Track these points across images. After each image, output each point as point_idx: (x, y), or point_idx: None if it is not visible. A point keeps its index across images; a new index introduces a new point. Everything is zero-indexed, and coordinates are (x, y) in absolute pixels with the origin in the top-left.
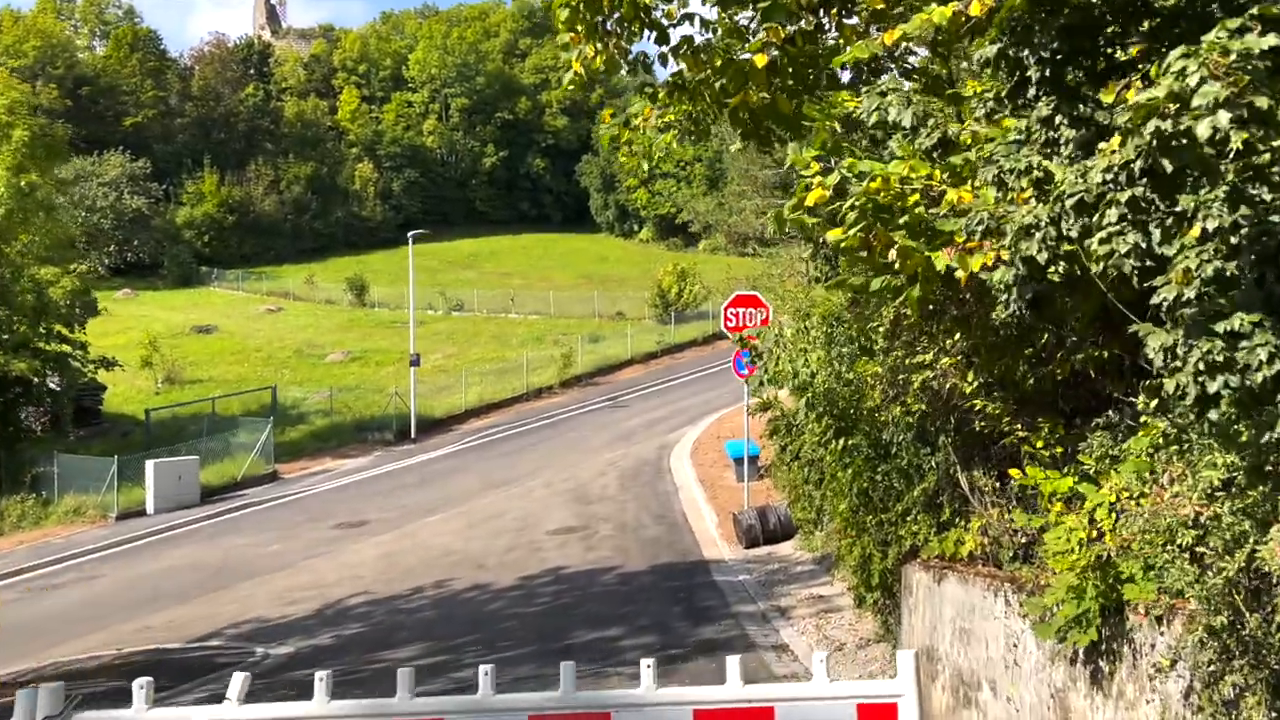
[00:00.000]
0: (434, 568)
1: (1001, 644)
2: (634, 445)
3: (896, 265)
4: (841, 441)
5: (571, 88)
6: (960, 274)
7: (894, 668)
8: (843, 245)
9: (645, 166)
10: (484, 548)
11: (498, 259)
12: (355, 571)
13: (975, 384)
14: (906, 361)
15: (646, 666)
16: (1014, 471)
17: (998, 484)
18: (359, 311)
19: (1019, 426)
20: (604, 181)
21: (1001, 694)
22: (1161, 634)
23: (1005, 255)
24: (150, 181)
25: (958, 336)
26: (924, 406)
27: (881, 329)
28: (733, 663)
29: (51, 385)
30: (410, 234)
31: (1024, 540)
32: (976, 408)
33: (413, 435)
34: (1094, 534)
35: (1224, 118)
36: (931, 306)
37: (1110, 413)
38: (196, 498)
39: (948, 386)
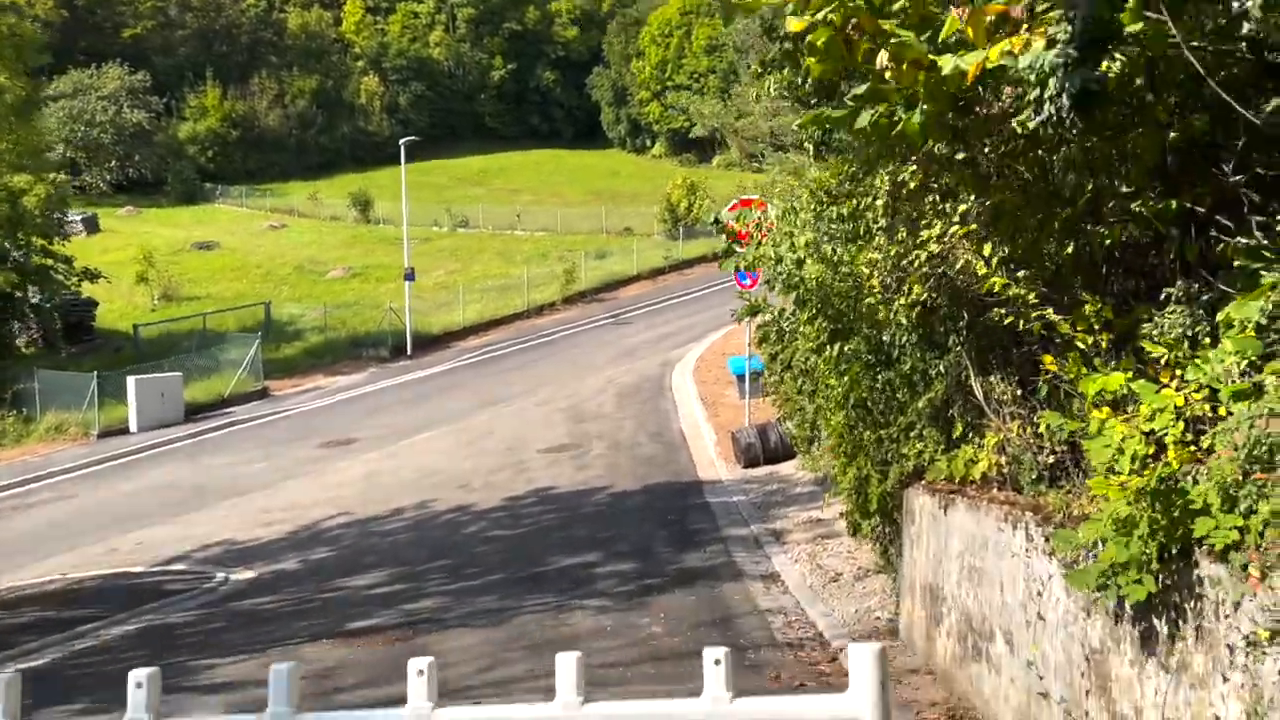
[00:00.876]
0: (417, 488)
1: (1021, 588)
2: (636, 362)
3: (888, 75)
4: (837, 346)
5: None
6: (969, 64)
7: (891, 606)
8: (811, 42)
9: None
10: (471, 467)
11: (507, 175)
12: (336, 492)
13: (994, 259)
14: (910, 241)
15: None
16: (1047, 359)
17: (1019, 392)
18: (363, 228)
19: (1049, 311)
20: (615, 95)
21: (1020, 649)
22: (1252, 593)
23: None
24: (150, 95)
25: (971, 199)
26: (931, 295)
27: (879, 202)
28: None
29: (34, 300)
30: (402, 140)
31: (1052, 458)
32: (995, 290)
33: (408, 352)
34: (1153, 448)
35: None
36: (939, 149)
37: (1185, 281)
38: (180, 415)
39: (958, 265)
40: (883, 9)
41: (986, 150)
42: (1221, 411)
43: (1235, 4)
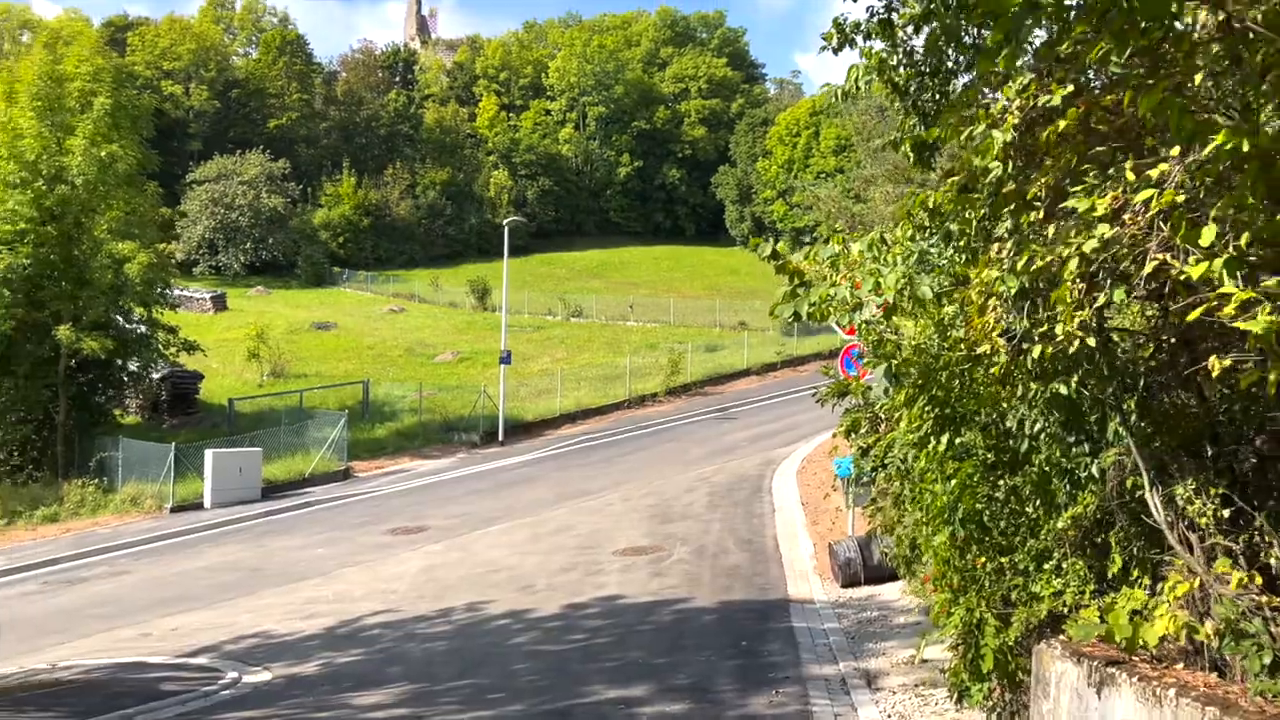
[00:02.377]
0: (475, 586)
1: None
2: (734, 460)
3: None
4: (945, 439)
5: None
6: None
7: None
8: None
9: None
10: (538, 566)
11: (626, 269)
12: (390, 585)
13: (1220, 257)
14: (1057, 232)
15: None
16: None
17: (1228, 511)
18: (479, 315)
19: None
20: (740, 193)
21: None
22: None
23: None
24: (289, 182)
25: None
26: (1090, 334)
27: (997, 141)
28: None
29: (132, 368)
30: (506, 220)
31: None
32: (1222, 317)
33: (500, 438)
34: None
35: None
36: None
37: None
38: (257, 492)
39: (1145, 270)
40: None
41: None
42: None
43: None
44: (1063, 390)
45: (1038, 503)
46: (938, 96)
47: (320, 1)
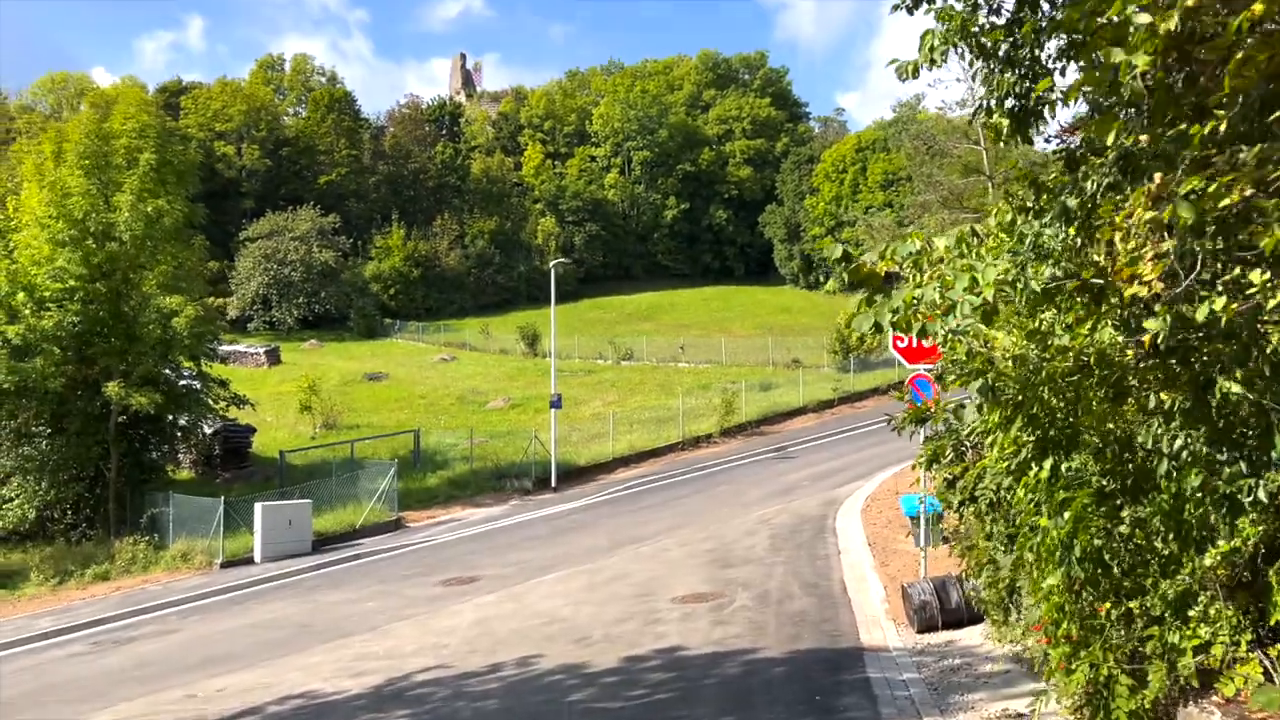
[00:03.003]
0: (529, 639)
1: None
2: (795, 500)
3: None
4: (1048, 464)
5: None
6: None
7: None
8: None
9: None
10: (593, 616)
11: (676, 311)
12: (441, 639)
13: None
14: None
15: None
16: None
17: None
18: (529, 361)
19: None
20: (788, 231)
21: None
22: None
23: None
24: (339, 236)
25: None
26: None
27: (1145, 44)
28: None
29: (182, 422)
30: (552, 263)
31: None
32: None
33: (552, 484)
34: None
35: None
36: None
37: None
38: (308, 545)
39: None
40: None
41: None
42: None
43: None
44: (1234, 389)
45: (1172, 535)
46: (1035, 52)
47: (367, 60)
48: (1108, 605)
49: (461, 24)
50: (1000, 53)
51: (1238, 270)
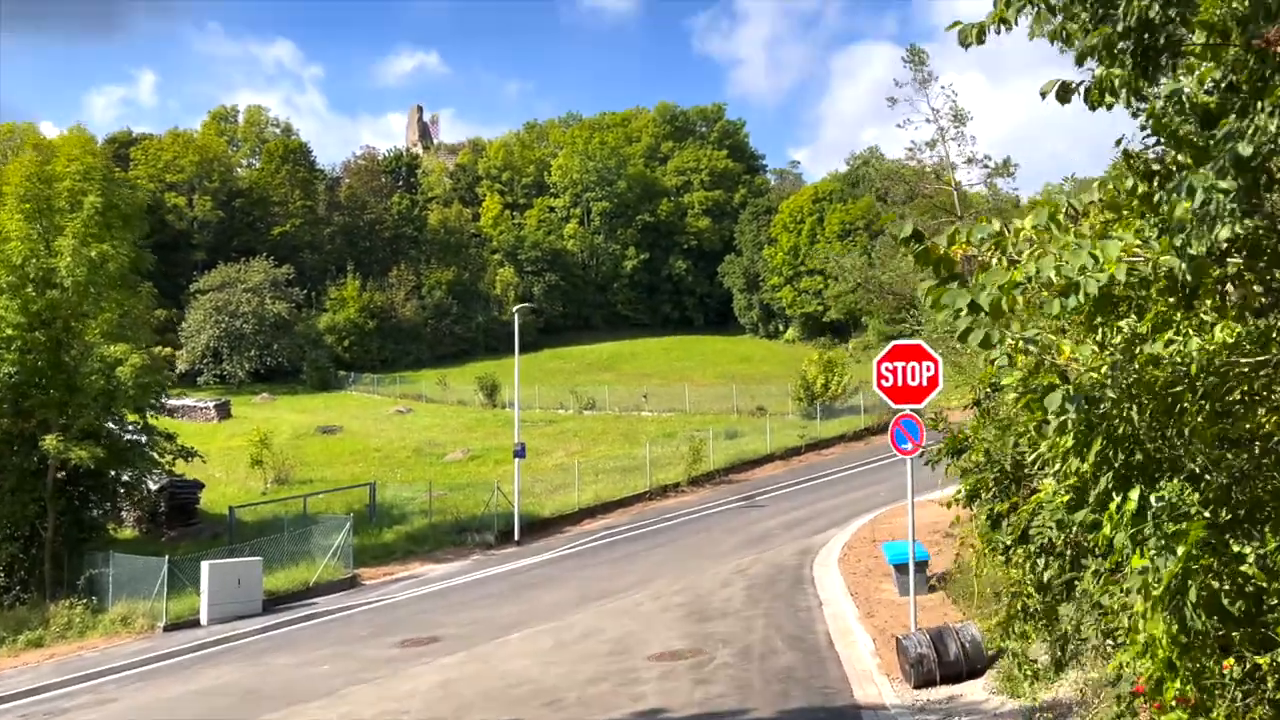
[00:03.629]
0: (495, 703)
1: None
2: (769, 550)
3: None
4: (1135, 492)
5: None
6: None
7: None
8: None
9: None
10: (564, 677)
11: (637, 361)
12: (401, 704)
13: None
14: None
15: None
16: None
17: None
18: (489, 412)
19: None
20: (747, 281)
21: None
22: None
23: None
24: (293, 287)
25: None
26: None
27: None
28: None
29: (125, 478)
30: (516, 308)
31: None
32: None
33: (516, 537)
34: None
35: None
36: None
37: None
38: (258, 605)
39: None
40: None
41: None
42: None
43: None
44: None
45: None
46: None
47: (321, 115)
48: (1230, 661)
49: (417, 79)
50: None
51: None
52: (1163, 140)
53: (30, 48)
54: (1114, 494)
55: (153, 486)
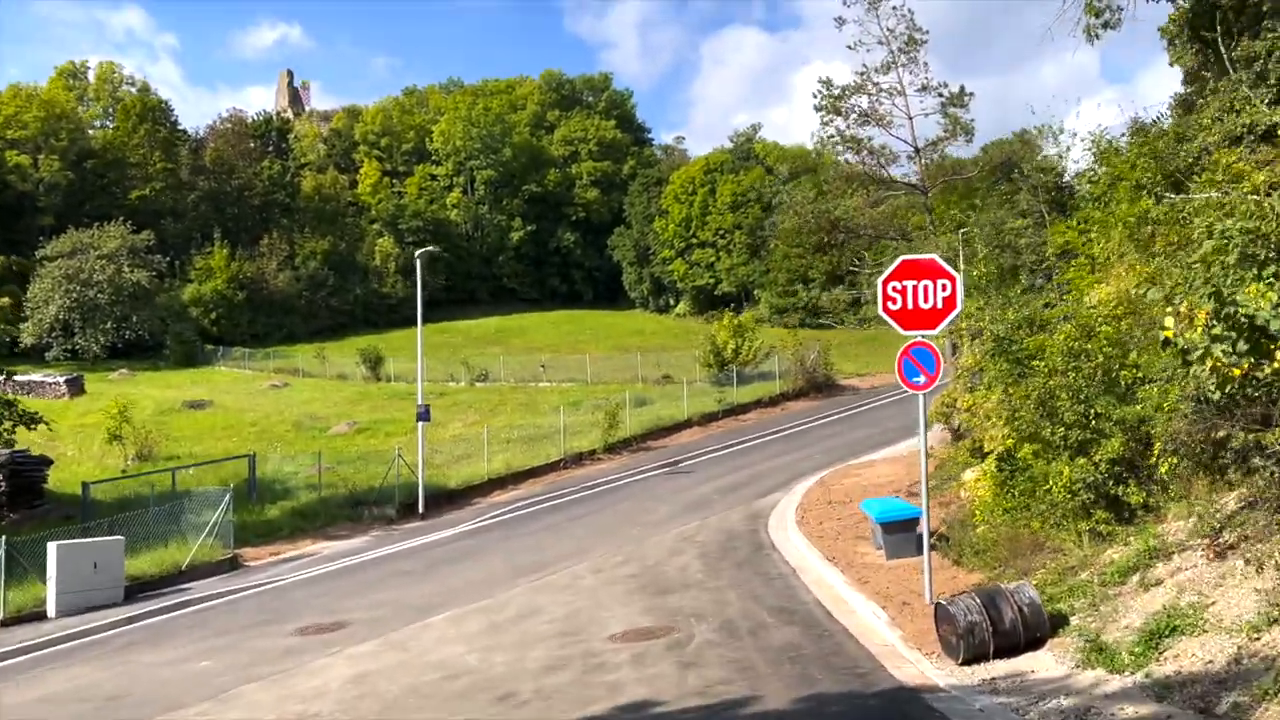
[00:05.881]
0: (430, 700)
1: None
2: (712, 515)
3: None
4: None
5: None
6: None
7: None
8: None
9: None
10: (512, 665)
11: (526, 335)
12: (306, 706)
13: None
14: None
15: None
16: None
17: None
18: (373, 385)
19: None
20: (638, 255)
21: None
22: None
23: None
24: (154, 255)
25: None
26: None
27: None
28: None
29: None
30: (419, 252)
31: None
32: None
33: (420, 510)
34: None
35: None
36: None
37: None
38: (119, 594)
39: None
40: None
41: None
42: None
43: None
44: None
45: None
46: None
47: (177, 87)
48: None
49: (279, 52)
50: None
51: None
52: None
53: None
54: None
55: None
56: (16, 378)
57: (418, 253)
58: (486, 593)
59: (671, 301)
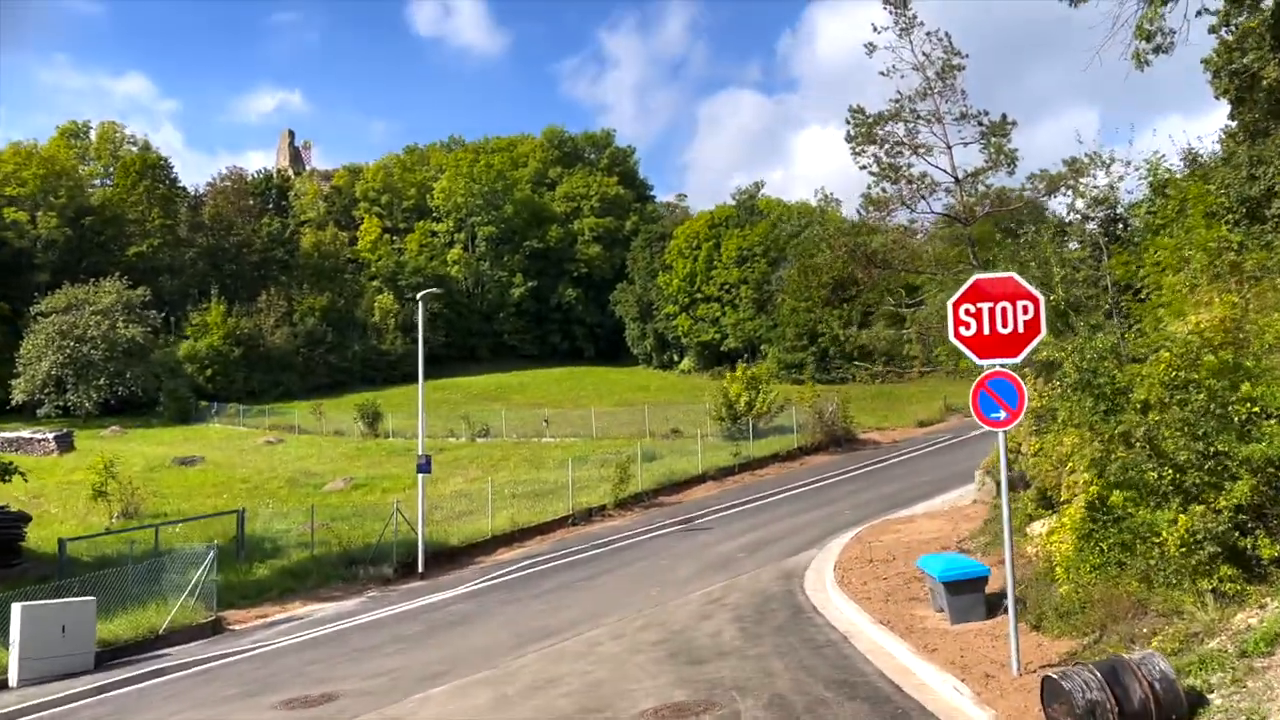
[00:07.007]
0: None
1: None
2: (740, 576)
3: None
4: None
5: None
6: None
7: None
8: None
9: None
10: None
11: (527, 391)
12: None
13: None
14: None
15: None
16: None
17: None
18: (370, 442)
19: None
20: (641, 310)
21: None
22: None
23: None
24: (150, 311)
25: None
26: None
27: None
28: None
29: None
30: (420, 295)
31: None
32: None
33: (420, 569)
34: None
35: None
36: None
37: None
38: (89, 660)
39: None
40: None
41: None
42: None
43: None
44: None
45: None
46: None
47: (179, 153)
48: None
49: (280, 117)
50: None
51: None
52: None
53: None
54: None
55: None
56: (5, 434)
57: (420, 294)
58: (493, 661)
59: (675, 357)
